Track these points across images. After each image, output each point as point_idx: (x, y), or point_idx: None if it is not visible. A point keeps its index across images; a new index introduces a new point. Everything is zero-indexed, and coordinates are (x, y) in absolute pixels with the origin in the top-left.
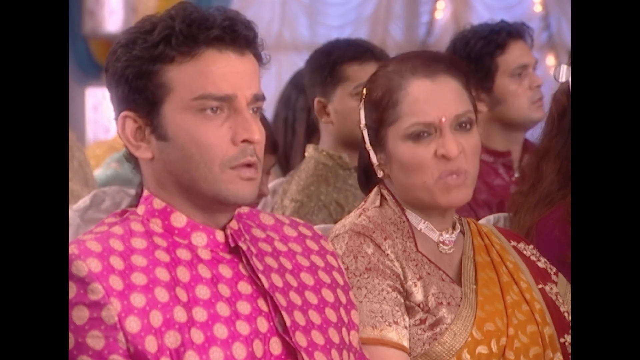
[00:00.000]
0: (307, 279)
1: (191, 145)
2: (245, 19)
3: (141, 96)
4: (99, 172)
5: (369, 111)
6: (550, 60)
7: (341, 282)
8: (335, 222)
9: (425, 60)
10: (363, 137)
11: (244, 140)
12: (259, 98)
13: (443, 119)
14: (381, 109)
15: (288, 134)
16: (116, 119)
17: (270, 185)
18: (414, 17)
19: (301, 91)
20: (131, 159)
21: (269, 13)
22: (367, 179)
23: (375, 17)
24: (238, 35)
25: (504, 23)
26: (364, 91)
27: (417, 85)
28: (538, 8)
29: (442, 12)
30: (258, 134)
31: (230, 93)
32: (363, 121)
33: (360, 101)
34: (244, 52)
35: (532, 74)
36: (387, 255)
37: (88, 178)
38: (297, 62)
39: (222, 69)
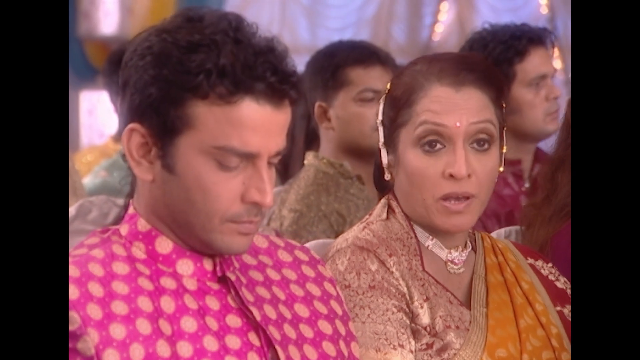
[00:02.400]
0: (302, 310)
1: (198, 191)
2: (292, 67)
3: (158, 118)
4: (87, 181)
5: (387, 108)
6: (557, 63)
7: (340, 312)
8: (337, 233)
9: (455, 67)
10: (378, 133)
11: (254, 202)
12: (281, 152)
13: (457, 124)
14: (397, 108)
15: (287, 141)
16: (120, 122)
17: None
18: (417, 19)
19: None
20: (127, 161)
21: (268, 15)
22: (381, 177)
23: (377, 19)
24: (283, 94)
25: (526, 27)
26: (388, 86)
27: (439, 91)
28: (544, 10)
29: (446, 14)
30: (270, 197)
31: (254, 151)
32: (380, 117)
33: (383, 95)
34: (282, 105)
35: (550, 85)
36: (392, 272)
37: (77, 187)
38: (297, 65)
39: (254, 123)
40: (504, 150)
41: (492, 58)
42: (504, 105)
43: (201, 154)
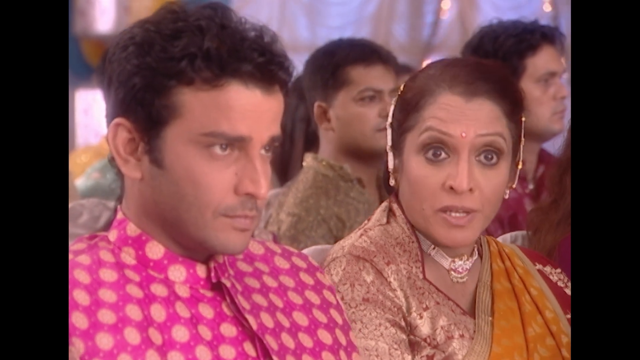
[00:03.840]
0: (301, 318)
1: (187, 183)
2: (281, 50)
3: (144, 110)
4: (79, 183)
5: (397, 111)
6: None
7: (340, 321)
8: (336, 238)
9: (469, 75)
10: (387, 136)
11: (248, 193)
12: (276, 139)
13: (463, 134)
14: (406, 111)
15: (286, 143)
16: (108, 121)
17: None
18: (418, 17)
19: (301, 98)
20: (115, 164)
21: (267, 13)
22: (389, 180)
23: (377, 17)
24: (272, 76)
25: (537, 24)
26: (401, 87)
27: (448, 99)
28: (547, 8)
29: (448, 12)
30: (265, 189)
31: (245, 135)
32: (390, 119)
33: (395, 97)
34: (273, 89)
35: (558, 84)
36: (390, 283)
37: (69, 188)
38: (297, 64)
39: (243, 107)
40: (520, 167)
41: (502, 51)
42: (523, 119)
43: (190, 143)
